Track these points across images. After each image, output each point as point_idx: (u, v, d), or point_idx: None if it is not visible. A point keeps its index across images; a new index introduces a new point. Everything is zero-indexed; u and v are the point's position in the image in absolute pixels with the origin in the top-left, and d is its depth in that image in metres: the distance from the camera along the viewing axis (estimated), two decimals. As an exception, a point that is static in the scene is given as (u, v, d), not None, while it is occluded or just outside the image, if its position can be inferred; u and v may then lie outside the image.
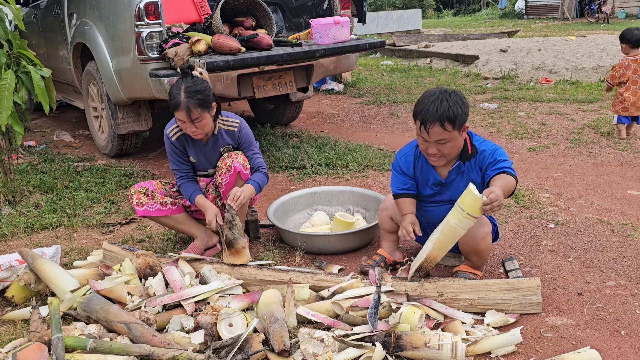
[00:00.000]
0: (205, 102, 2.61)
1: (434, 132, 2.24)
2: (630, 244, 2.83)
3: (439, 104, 2.21)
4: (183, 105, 2.57)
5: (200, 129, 2.66)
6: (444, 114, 2.20)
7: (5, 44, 3.46)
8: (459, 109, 2.23)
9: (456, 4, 36.89)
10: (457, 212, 2.11)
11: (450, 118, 2.20)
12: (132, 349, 1.90)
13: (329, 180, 4.11)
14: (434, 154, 2.32)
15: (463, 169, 2.41)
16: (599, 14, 19.59)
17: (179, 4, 4.53)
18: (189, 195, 2.81)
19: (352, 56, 5.06)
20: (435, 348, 1.93)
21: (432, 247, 2.25)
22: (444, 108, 2.20)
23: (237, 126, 2.83)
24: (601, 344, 2.05)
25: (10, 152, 3.84)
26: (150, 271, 2.45)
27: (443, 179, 2.45)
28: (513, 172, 2.28)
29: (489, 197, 2.03)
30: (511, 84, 8.19)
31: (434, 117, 2.21)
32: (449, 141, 2.27)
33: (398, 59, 11.86)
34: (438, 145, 2.28)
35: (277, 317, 2.06)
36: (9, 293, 2.44)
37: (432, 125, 2.22)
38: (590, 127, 5.34)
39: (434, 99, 2.24)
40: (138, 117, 4.66)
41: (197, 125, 2.63)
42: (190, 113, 2.58)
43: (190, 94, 2.57)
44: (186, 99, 2.57)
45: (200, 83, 2.63)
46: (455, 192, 2.43)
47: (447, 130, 2.22)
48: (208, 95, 2.63)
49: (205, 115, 2.63)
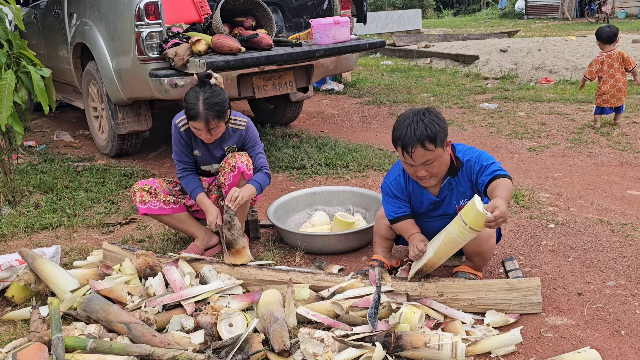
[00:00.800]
0: (222, 113, 2.64)
1: (418, 155, 2.20)
2: (630, 244, 2.83)
3: (415, 126, 2.18)
4: (202, 117, 2.58)
5: (215, 136, 2.71)
6: (422, 135, 2.16)
7: (5, 44, 3.46)
8: (436, 126, 2.19)
9: (456, 4, 36.89)
10: (460, 224, 2.09)
11: (430, 137, 2.17)
12: (132, 349, 1.91)
13: (329, 180, 4.11)
14: (423, 176, 2.29)
15: (453, 185, 2.38)
16: (599, 14, 19.58)
17: (179, 4, 4.53)
18: (192, 190, 2.83)
19: (352, 56, 5.06)
20: (435, 348, 1.93)
21: (432, 255, 2.24)
22: (422, 129, 2.17)
23: (245, 125, 2.86)
24: (601, 344, 2.05)
25: (10, 152, 3.84)
26: (150, 271, 2.46)
27: (435, 197, 2.42)
28: (505, 172, 2.25)
29: (493, 215, 1.99)
30: (511, 84, 8.19)
31: (413, 141, 2.17)
32: (435, 160, 2.23)
33: (398, 59, 11.86)
34: (425, 167, 2.25)
35: (277, 317, 2.06)
36: (9, 293, 2.45)
37: (414, 148, 2.18)
38: (590, 127, 5.34)
39: (409, 122, 2.20)
40: (138, 117, 4.66)
41: (212, 134, 2.67)
42: (208, 124, 2.60)
43: (209, 106, 2.58)
44: (205, 111, 2.58)
45: (219, 94, 2.63)
46: (448, 207, 2.43)
47: (429, 150, 2.19)
48: (225, 106, 2.65)
49: (221, 125, 2.68)
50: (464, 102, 6.93)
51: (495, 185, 2.19)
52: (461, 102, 6.97)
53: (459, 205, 2.40)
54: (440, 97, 7.31)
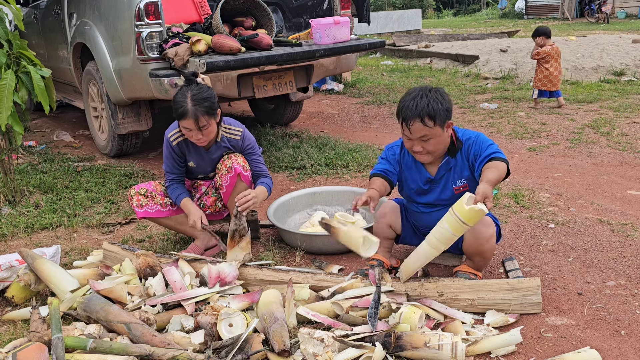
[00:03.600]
0: (212, 109, 2.61)
1: (415, 129, 2.25)
2: (630, 244, 2.83)
3: (418, 101, 2.23)
4: (191, 114, 2.56)
5: (206, 136, 2.67)
6: (423, 110, 2.21)
7: (5, 44, 3.46)
8: (439, 105, 2.23)
9: (456, 4, 36.89)
10: (453, 219, 2.09)
11: (430, 114, 2.22)
12: (132, 349, 1.91)
13: (329, 180, 4.11)
14: (419, 151, 2.33)
15: (451, 165, 2.41)
16: (599, 14, 19.58)
17: (179, 4, 4.53)
18: (176, 197, 2.83)
19: (352, 56, 5.06)
20: (435, 348, 1.93)
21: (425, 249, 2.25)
22: (424, 104, 2.22)
23: (240, 135, 2.83)
24: (601, 344, 2.05)
25: (10, 152, 3.84)
26: (150, 271, 2.45)
27: (432, 175, 2.45)
28: (502, 155, 2.28)
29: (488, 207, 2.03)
30: (511, 84, 8.19)
31: (414, 114, 2.22)
32: (432, 137, 2.27)
33: (398, 59, 11.86)
34: (422, 142, 2.29)
35: (277, 317, 2.06)
36: (9, 293, 2.44)
37: (413, 122, 2.23)
38: (590, 127, 5.35)
39: (414, 96, 2.26)
40: (138, 117, 4.66)
41: (203, 133, 2.63)
42: (198, 121, 2.57)
43: (197, 101, 2.56)
44: (193, 107, 2.56)
45: (205, 90, 2.63)
46: (444, 190, 2.45)
47: (427, 126, 2.23)
48: (214, 102, 2.63)
49: (211, 122, 2.64)
50: (464, 102, 6.93)
51: (486, 167, 2.24)
52: (461, 102, 6.97)
53: (455, 185, 2.43)
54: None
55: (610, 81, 7.83)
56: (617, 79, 7.96)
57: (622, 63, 8.41)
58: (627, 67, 8.29)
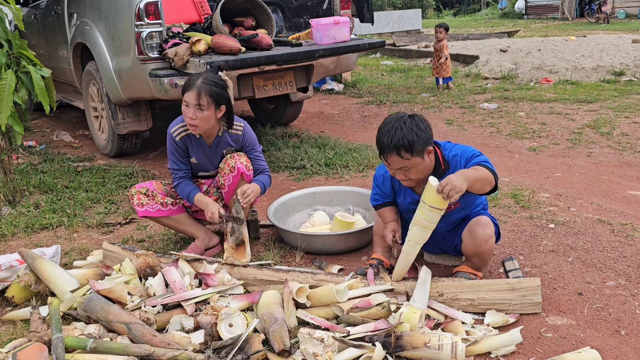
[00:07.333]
0: (217, 96, 2.64)
1: (393, 162, 2.22)
2: (630, 244, 2.83)
3: (393, 134, 2.18)
4: (195, 87, 2.61)
5: (199, 120, 2.64)
6: (398, 143, 2.17)
7: (5, 44, 3.46)
8: (415, 136, 2.18)
9: (456, 4, 36.89)
10: (422, 206, 2.16)
11: (405, 147, 2.17)
12: (132, 349, 1.91)
13: (329, 180, 4.11)
14: (402, 179, 2.31)
15: None
16: (599, 14, 19.58)
17: (179, 4, 4.53)
18: (187, 194, 2.81)
19: (352, 56, 5.06)
20: (435, 348, 1.93)
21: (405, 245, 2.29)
22: (399, 137, 2.17)
23: (242, 130, 2.84)
24: (601, 344, 2.05)
25: (10, 152, 3.84)
26: (150, 271, 2.45)
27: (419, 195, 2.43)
28: (487, 163, 2.25)
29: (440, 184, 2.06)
30: (511, 84, 8.19)
31: (389, 148, 2.19)
32: (412, 167, 2.24)
33: (398, 59, 11.86)
34: (403, 171, 2.27)
35: (277, 318, 2.06)
36: (9, 293, 2.45)
37: (390, 155, 2.20)
38: (590, 127, 5.34)
39: (389, 129, 2.21)
40: (138, 117, 4.66)
41: (197, 114, 2.62)
42: (199, 97, 2.60)
43: (208, 81, 2.64)
44: (202, 84, 2.62)
45: (221, 81, 2.70)
46: None
47: (405, 158, 2.20)
48: (222, 93, 2.67)
49: (210, 108, 2.63)
50: (464, 102, 6.93)
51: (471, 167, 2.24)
52: (461, 102, 6.97)
53: None
54: (440, 97, 7.31)
55: (610, 81, 7.83)
56: (617, 79, 7.95)
57: (622, 63, 8.41)
58: (627, 67, 8.29)
